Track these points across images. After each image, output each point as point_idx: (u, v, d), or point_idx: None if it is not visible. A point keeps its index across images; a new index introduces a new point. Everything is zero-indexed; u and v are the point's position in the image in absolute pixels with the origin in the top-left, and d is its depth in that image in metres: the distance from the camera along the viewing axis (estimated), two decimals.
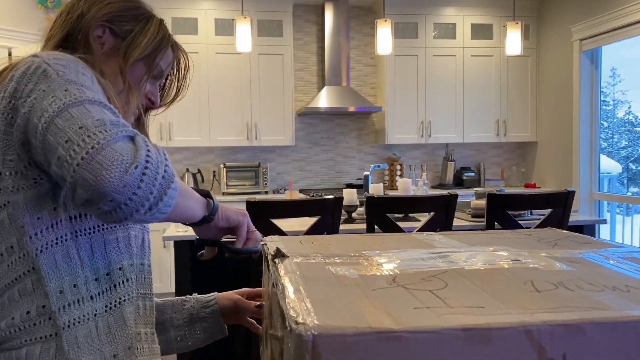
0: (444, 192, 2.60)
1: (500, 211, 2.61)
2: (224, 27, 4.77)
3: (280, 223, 2.41)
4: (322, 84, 5.13)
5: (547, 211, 2.71)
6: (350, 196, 2.92)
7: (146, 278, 0.97)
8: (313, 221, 2.44)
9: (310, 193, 4.65)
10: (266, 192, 4.88)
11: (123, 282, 0.90)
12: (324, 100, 4.85)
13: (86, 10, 0.94)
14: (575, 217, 3.06)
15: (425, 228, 2.54)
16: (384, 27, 3.65)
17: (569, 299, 0.57)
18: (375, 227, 2.53)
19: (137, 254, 0.94)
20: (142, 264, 0.96)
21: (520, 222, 2.72)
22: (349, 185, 5.03)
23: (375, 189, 3.10)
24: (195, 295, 1.22)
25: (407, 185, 3.15)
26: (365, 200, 2.54)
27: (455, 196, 2.55)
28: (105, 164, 0.69)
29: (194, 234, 0.99)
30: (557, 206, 2.64)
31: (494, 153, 5.60)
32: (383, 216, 2.52)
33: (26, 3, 4.28)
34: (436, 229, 2.54)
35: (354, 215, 3.01)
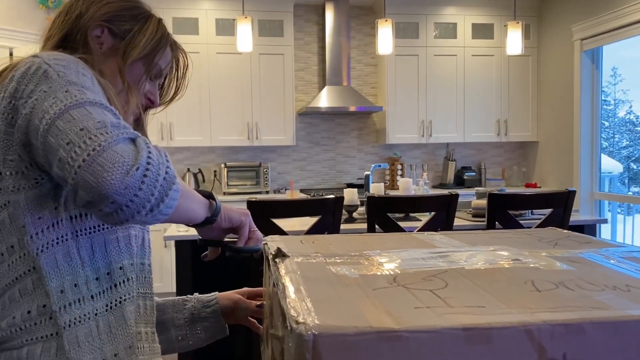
0: (445, 192, 2.60)
1: (501, 211, 2.61)
2: (225, 27, 4.78)
3: (281, 223, 2.41)
4: (322, 84, 5.13)
5: (547, 211, 2.71)
6: (351, 196, 2.92)
7: (146, 277, 0.97)
8: (314, 221, 2.44)
9: (311, 193, 4.65)
10: (267, 192, 4.88)
11: (123, 282, 0.90)
12: (324, 100, 4.85)
13: (85, 11, 0.94)
14: (576, 217, 3.06)
15: (426, 228, 2.54)
16: (384, 27, 3.65)
17: (569, 299, 0.57)
18: (376, 226, 2.53)
19: (138, 253, 0.94)
20: (142, 263, 0.96)
21: (521, 221, 2.72)
22: (349, 185, 5.03)
23: (376, 188, 3.10)
24: (196, 295, 1.23)
25: (408, 185, 3.15)
26: (366, 199, 2.54)
27: (456, 196, 2.55)
28: (106, 166, 0.69)
29: (195, 233, 0.99)
30: (558, 206, 2.64)
31: (495, 153, 5.60)
32: (384, 216, 2.52)
33: (27, 3, 4.28)
34: (437, 228, 2.54)
35: (354, 215, 3.01)
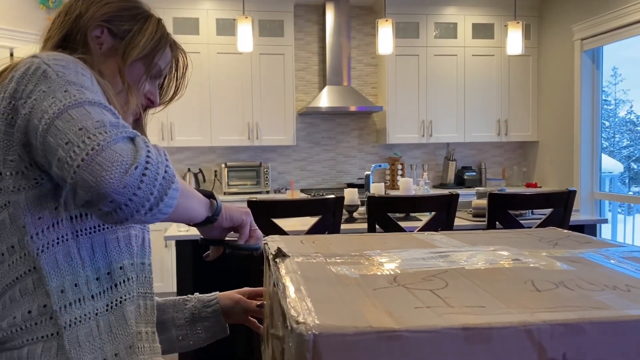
0: (445, 192, 2.60)
1: (502, 211, 2.61)
2: (225, 27, 4.78)
3: (281, 223, 2.41)
4: (323, 84, 5.13)
5: (548, 211, 2.71)
6: (351, 196, 2.92)
7: (147, 277, 0.97)
8: (314, 221, 2.44)
9: (311, 193, 4.65)
10: (267, 192, 4.88)
11: (124, 281, 0.90)
12: (325, 100, 4.85)
13: (84, 11, 0.94)
14: (576, 217, 3.06)
15: (426, 227, 2.54)
16: (385, 27, 3.65)
17: (569, 299, 0.57)
18: (377, 226, 2.53)
19: (138, 253, 0.94)
20: (142, 263, 0.96)
21: (521, 221, 2.72)
22: (350, 185, 5.03)
23: (377, 188, 3.10)
24: (196, 294, 1.23)
25: (408, 185, 3.15)
26: (366, 199, 2.54)
27: (456, 196, 2.55)
28: (105, 165, 0.69)
29: (195, 233, 1.00)
30: (558, 206, 2.64)
31: (495, 152, 5.60)
32: (384, 216, 2.52)
33: (28, 3, 4.28)
34: (437, 228, 2.53)
35: (355, 214, 3.01)
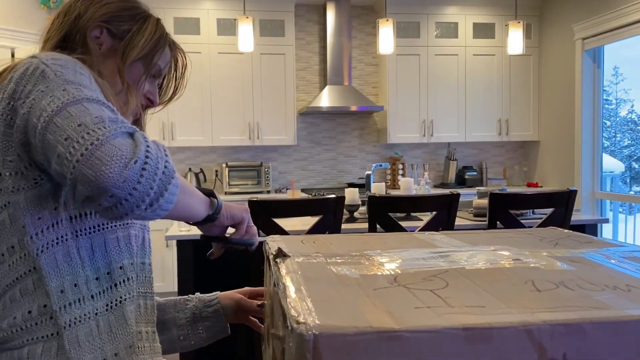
0: (446, 192, 2.59)
1: (503, 210, 2.60)
2: (226, 27, 4.78)
3: (282, 222, 2.41)
4: (324, 84, 5.13)
5: (549, 210, 2.71)
6: (352, 195, 2.92)
7: (147, 277, 0.97)
8: (315, 221, 2.44)
9: (312, 192, 4.65)
10: (268, 192, 4.88)
11: (124, 281, 0.90)
12: (325, 99, 4.85)
13: (83, 11, 0.94)
14: (577, 217, 3.05)
15: (427, 227, 2.54)
16: (385, 27, 3.65)
17: (569, 299, 0.57)
18: (377, 226, 2.52)
19: (138, 252, 0.95)
20: (142, 262, 0.96)
21: (522, 221, 2.71)
22: (350, 185, 5.03)
23: (377, 188, 3.10)
24: (197, 294, 1.23)
25: (409, 185, 3.15)
26: (367, 199, 2.54)
27: (457, 195, 2.55)
28: (104, 159, 0.69)
29: (195, 233, 1.00)
30: (559, 205, 2.64)
31: (496, 152, 5.60)
32: (385, 215, 2.52)
33: (29, 3, 4.28)
34: (438, 228, 2.53)
35: (355, 214, 3.01)
